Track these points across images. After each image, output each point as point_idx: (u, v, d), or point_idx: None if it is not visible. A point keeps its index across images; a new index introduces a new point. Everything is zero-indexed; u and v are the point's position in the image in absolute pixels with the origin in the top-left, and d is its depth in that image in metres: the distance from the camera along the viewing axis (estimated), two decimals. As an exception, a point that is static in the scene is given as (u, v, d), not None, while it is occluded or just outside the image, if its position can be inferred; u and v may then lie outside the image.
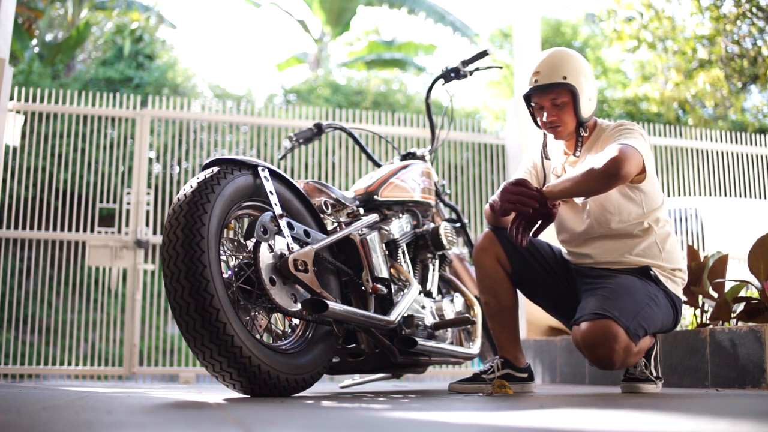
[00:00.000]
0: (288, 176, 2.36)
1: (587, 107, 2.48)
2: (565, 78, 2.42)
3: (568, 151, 2.59)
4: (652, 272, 2.48)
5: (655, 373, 2.51)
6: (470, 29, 14.74)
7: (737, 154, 6.51)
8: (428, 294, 2.91)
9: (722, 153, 6.48)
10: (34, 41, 12.55)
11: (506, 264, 2.69)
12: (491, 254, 2.69)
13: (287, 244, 2.19)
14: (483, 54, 3.15)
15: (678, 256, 2.57)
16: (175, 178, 6.70)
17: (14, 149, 5.58)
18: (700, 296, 3.20)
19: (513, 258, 2.68)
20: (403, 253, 2.83)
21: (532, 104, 2.54)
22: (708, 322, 3.15)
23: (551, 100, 2.46)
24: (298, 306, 2.21)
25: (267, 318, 2.24)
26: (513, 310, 2.73)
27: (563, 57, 2.46)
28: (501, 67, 3.34)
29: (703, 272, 3.15)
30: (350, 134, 3.30)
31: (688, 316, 3.59)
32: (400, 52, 15.28)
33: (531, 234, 2.35)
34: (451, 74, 3.19)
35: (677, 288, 2.55)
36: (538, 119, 2.55)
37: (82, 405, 1.67)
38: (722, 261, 3.14)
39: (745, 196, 6.44)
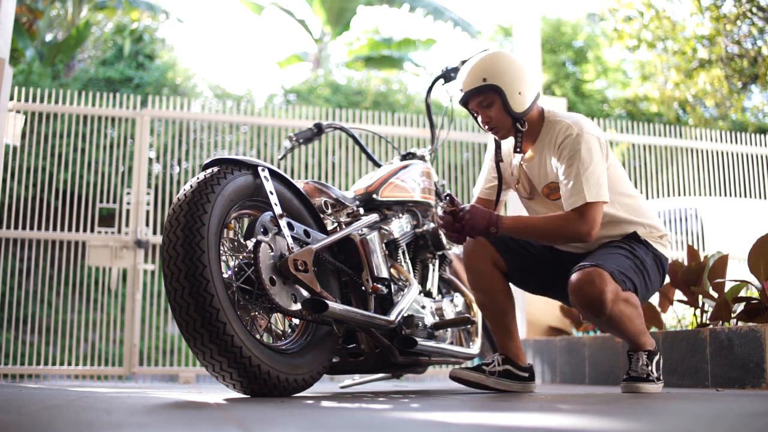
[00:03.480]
0: (288, 176, 2.36)
1: (518, 102, 2.50)
2: (485, 80, 2.48)
3: (517, 151, 2.60)
4: (641, 237, 2.58)
5: (655, 374, 2.51)
6: (471, 26, 14.73)
7: (737, 154, 6.51)
8: (428, 294, 2.91)
9: (722, 153, 6.48)
10: (34, 41, 12.55)
11: (501, 263, 2.70)
12: (484, 256, 2.69)
13: (287, 244, 2.19)
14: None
15: (653, 214, 2.68)
16: (175, 178, 6.70)
17: (14, 149, 5.58)
18: (700, 296, 3.20)
19: (507, 255, 2.70)
20: (403, 253, 2.83)
21: (474, 114, 2.60)
22: (708, 322, 3.15)
23: (479, 104, 2.52)
24: (298, 306, 2.21)
25: (267, 318, 2.24)
26: (510, 311, 2.73)
27: (483, 61, 2.52)
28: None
29: (703, 272, 3.15)
30: (350, 134, 3.30)
31: (688, 316, 3.59)
32: (398, 49, 15.27)
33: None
34: (451, 74, 3.19)
35: (665, 250, 2.64)
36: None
37: (82, 405, 1.67)
38: (722, 261, 3.14)
39: (745, 196, 6.44)
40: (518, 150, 2.56)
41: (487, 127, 2.55)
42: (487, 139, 5.96)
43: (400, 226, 2.82)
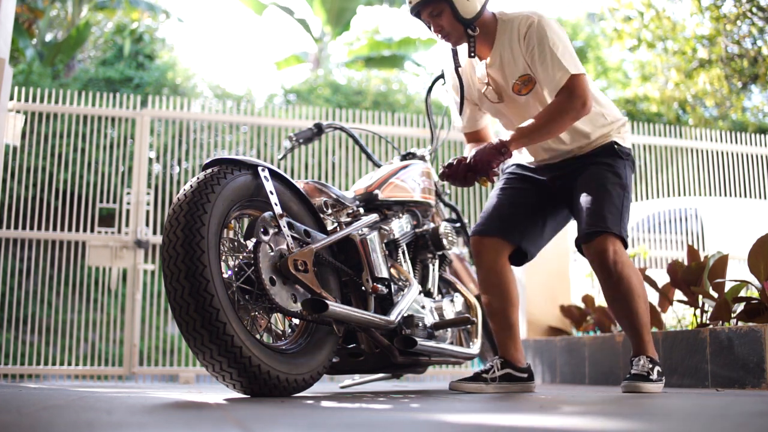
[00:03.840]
0: (288, 176, 2.36)
1: (467, 8, 2.54)
2: None
3: (471, 56, 2.63)
4: (616, 147, 2.67)
5: (656, 376, 2.52)
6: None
7: (737, 154, 6.51)
8: (428, 294, 2.91)
9: (722, 153, 6.47)
10: (34, 40, 12.55)
11: (508, 248, 2.74)
12: (493, 251, 2.73)
13: (287, 244, 2.19)
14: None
15: (610, 102, 2.76)
16: (175, 178, 6.70)
17: (14, 149, 5.58)
18: (700, 296, 3.20)
19: (509, 232, 2.75)
20: (403, 253, 2.83)
21: (427, 25, 2.64)
22: (708, 322, 3.15)
23: (429, 14, 2.57)
24: (298, 306, 2.20)
25: (267, 318, 2.24)
26: (515, 310, 2.74)
27: None
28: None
29: (703, 272, 3.15)
30: (350, 134, 3.30)
31: (688, 316, 3.59)
32: (399, 49, 15.27)
33: (492, 172, 2.52)
34: (451, 74, 3.19)
35: (628, 142, 2.76)
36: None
37: (83, 405, 1.67)
38: (722, 261, 3.14)
39: (745, 196, 6.44)
40: (472, 55, 2.60)
41: (440, 36, 2.60)
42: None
43: (400, 226, 2.82)
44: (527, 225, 2.77)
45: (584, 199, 2.60)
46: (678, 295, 3.44)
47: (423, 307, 2.72)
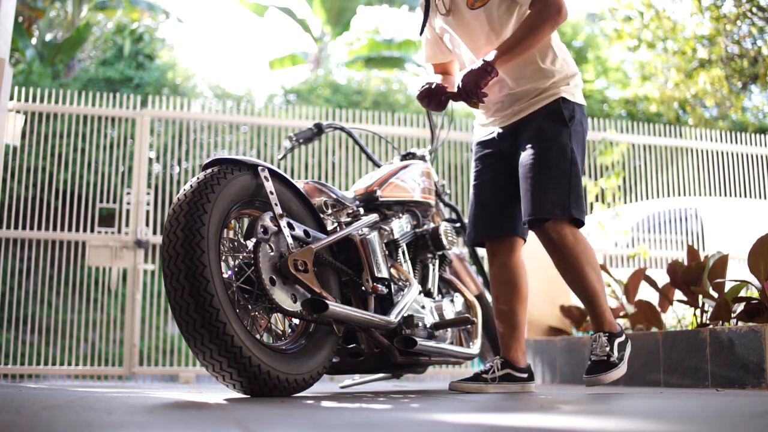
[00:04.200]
0: (288, 176, 2.36)
1: None
2: None
3: None
4: (562, 106, 2.57)
5: (616, 354, 2.50)
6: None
7: (737, 154, 6.51)
8: (428, 294, 2.91)
9: (722, 153, 6.47)
10: (34, 40, 12.55)
11: (514, 239, 2.72)
12: (506, 249, 2.74)
13: (287, 244, 2.19)
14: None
15: (567, 51, 2.69)
16: (175, 178, 6.70)
17: (14, 149, 5.58)
18: (700, 296, 3.20)
19: (509, 227, 2.71)
20: (403, 253, 2.83)
21: None
22: (708, 322, 3.15)
23: None
24: (298, 306, 2.20)
25: (267, 318, 2.24)
26: (522, 309, 2.75)
27: None
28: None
29: (703, 272, 3.15)
30: (350, 134, 3.30)
31: (688, 316, 3.59)
32: (399, 50, 15.26)
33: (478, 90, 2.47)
34: (451, 74, 3.19)
35: (579, 96, 2.66)
36: None
37: (82, 405, 1.67)
38: (722, 261, 3.13)
39: (745, 196, 6.44)
40: None
41: None
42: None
43: (400, 226, 2.82)
44: (515, 210, 2.71)
45: (527, 183, 2.55)
46: (678, 295, 3.44)
47: (423, 307, 2.72)
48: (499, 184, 2.71)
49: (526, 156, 2.57)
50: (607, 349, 2.49)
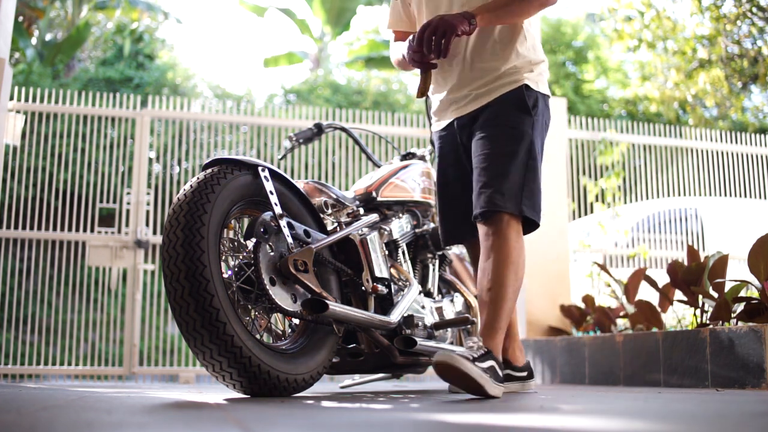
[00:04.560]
0: (288, 176, 2.36)
1: None
2: None
3: None
4: (526, 94, 2.37)
5: (483, 367, 2.07)
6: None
7: (737, 154, 6.51)
8: (428, 294, 2.91)
9: (722, 153, 6.47)
10: (34, 40, 12.55)
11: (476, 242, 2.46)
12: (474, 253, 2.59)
13: (287, 244, 2.19)
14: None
15: (539, 39, 2.51)
16: (175, 178, 6.70)
17: (14, 149, 5.58)
18: (700, 296, 3.20)
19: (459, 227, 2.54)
20: (403, 253, 2.83)
21: None
22: (708, 322, 3.15)
23: None
24: (298, 306, 2.21)
25: (267, 318, 2.24)
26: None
27: None
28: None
29: (703, 272, 3.15)
30: (350, 134, 3.30)
31: (688, 316, 3.59)
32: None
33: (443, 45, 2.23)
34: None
35: (545, 82, 2.48)
36: None
37: (82, 405, 1.67)
38: (722, 261, 3.13)
39: (745, 196, 6.44)
40: None
41: None
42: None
43: (400, 226, 2.82)
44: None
45: (480, 173, 2.34)
46: (678, 295, 3.44)
47: (423, 307, 2.72)
48: (466, 181, 2.48)
49: (481, 144, 2.37)
50: (479, 354, 2.11)
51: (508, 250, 2.26)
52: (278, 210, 2.21)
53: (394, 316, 2.40)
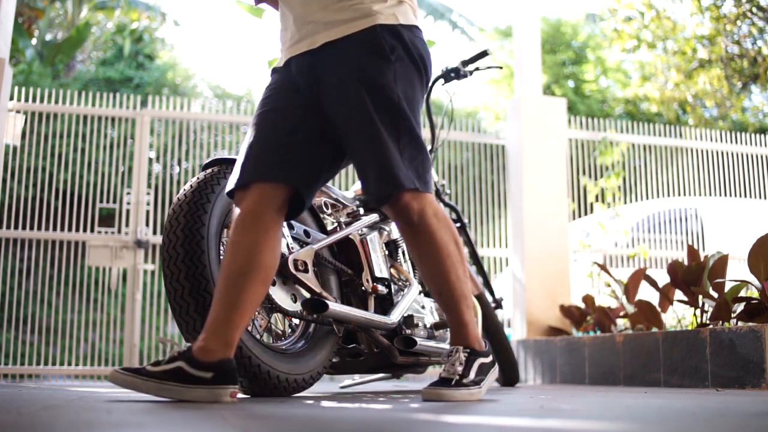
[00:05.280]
0: (288, 176, 2.35)
1: None
2: None
3: None
4: (382, 35, 1.96)
5: (472, 377, 1.98)
6: (472, 24, 14.72)
7: (737, 154, 6.51)
8: (428, 294, 2.91)
9: (722, 153, 6.47)
10: (34, 40, 12.55)
11: (277, 186, 1.92)
12: (253, 195, 1.90)
13: (287, 244, 2.19)
14: (483, 54, 3.16)
15: None
16: (175, 178, 6.70)
17: (14, 149, 5.58)
18: (700, 296, 3.20)
19: (278, 171, 1.93)
20: (403, 253, 2.83)
21: None
22: (708, 322, 3.15)
23: None
24: (298, 306, 2.21)
25: (267, 318, 2.24)
26: (255, 280, 1.88)
27: None
28: (501, 67, 3.35)
29: (703, 272, 3.15)
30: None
31: (688, 316, 3.59)
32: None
33: None
34: (451, 74, 3.19)
35: (407, 15, 2.05)
36: None
37: (83, 405, 1.67)
38: (722, 261, 3.13)
39: (745, 196, 6.44)
40: None
41: None
42: (487, 139, 5.96)
43: (400, 226, 2.82)
44: (301, 158, 1.98)
45: (360, 156, 1.96)
46: (678, 295, 3.44)
47: (423, 307, 2.72)
48: (288, 123, 2.00)
49: (349, 120, 1.96)
50: (461, 368, 1.96)
51: (429, 237, 1.99)
52: (278, 210, 2.20)
53: (394, 316, 2.40)
